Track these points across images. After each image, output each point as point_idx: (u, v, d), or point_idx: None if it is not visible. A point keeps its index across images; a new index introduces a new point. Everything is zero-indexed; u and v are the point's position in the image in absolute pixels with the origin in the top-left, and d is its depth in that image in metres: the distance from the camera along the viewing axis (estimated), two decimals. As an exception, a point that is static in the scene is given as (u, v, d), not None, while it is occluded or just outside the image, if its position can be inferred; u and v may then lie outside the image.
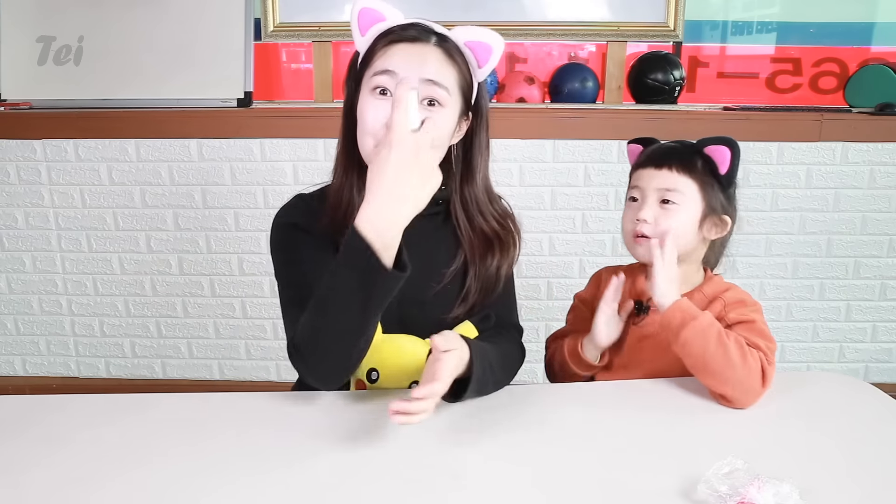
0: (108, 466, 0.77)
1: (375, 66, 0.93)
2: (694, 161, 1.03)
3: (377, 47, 0.94)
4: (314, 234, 0.98)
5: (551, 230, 2.12)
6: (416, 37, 0.94)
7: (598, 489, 0.74)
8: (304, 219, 1.00)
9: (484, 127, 1.03)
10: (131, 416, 0.90)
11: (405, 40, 0.93)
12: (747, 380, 0.93)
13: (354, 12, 0.95)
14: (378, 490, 0.73)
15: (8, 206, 2.14)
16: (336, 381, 0.92)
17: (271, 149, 2.07)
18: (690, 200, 1.02)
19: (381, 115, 0.91)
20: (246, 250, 2.16)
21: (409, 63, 0.91)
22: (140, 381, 2.29)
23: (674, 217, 1.02)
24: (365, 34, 0.96)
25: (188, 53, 2.08)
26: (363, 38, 0.96)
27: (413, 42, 0.93)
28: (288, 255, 1.00)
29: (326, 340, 0.86)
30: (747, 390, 0.93)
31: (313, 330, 0.86)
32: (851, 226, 2.13)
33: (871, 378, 2.24)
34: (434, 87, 0.92)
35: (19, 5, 2.09)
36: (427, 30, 0.95)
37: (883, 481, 0.76)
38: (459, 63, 0.96)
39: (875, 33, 2.51)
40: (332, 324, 0.85)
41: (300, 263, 0.98)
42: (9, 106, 2.13)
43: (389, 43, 0.93)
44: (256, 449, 0.81)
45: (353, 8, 0.95)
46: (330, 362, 0.89)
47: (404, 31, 0.94)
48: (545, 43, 2.46)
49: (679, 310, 0.96)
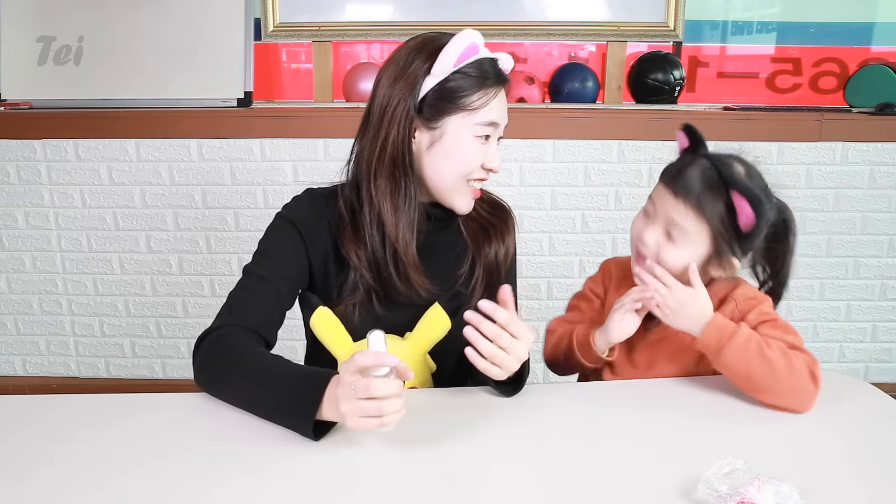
0: (108, 466, 0.77)
1: (481, 116, 0.96)
2: (715, 204, 0.93)
3: (472, 87, 0.95)
4: (309, 236, 1.00)
5: (551, 230, 2.12)
6: (501, 80, 0.99)
7: (598, 489, 0.74)
8: (307, 217, 1.01)
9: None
10: (131, 416, 0.90)
11: (498, 84, 0.98)
12: (798, 386, 0.90)
13: (460, 46, 0.94)
14: (377, 490, 0.73)
15: (8, 206, 2.14)
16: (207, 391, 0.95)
17: (271, 149, 2.07)
18: (696, 242, 0.95)
19: (481, 158, 0.99)
20: (246, 250, 2.15)
21: (504, 113, 1.00)
22: (140, 381, 2.29)
23: (673, 253, 0.96)
24: (458, 65, 0.95)
25: (188, 53, 2.08)
26: (452, 67, 0.95)
27: (503, 86, 0.99)
28: (271, 246, 1.01)
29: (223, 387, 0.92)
30: (801, 396, 0.91)
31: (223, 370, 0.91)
32: (851, 226, 2.13)
33: (871, 378, 2.24)
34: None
35: (19, 5, 2.09)
36: (494, 62, 0.99)
37: (883, 481, 0.76)
38: None
39: (875, 33, 2.51)
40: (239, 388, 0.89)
41: (275, 260, 1.00)
42: (9, 106, 2.13)
43: (488, 87, 0.96)
44: (256, 449, 0.81)
45: (460, 40, 0.94)
46: (213, 390, 0.93)
47: (490, 70, 0.97)
48: (545, 43, 2.46)
49: (715, 331, 0.93)
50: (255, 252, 1.02)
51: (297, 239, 1.00)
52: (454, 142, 0.97)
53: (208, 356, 0.93)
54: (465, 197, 1.01)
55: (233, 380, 0.90)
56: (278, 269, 0.99)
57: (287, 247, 1.00)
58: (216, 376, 0.92)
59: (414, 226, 0.99)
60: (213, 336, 0.93)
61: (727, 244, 0.95)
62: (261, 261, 1.00)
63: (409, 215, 0.98)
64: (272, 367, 0.87)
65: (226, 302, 0.98)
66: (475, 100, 0.95)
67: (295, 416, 0.82)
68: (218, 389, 0.92)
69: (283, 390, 0.84)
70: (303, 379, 0.84)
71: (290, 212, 1.02)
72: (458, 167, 0.98)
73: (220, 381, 0.92)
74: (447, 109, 0.96)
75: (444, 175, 0.99)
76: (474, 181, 1.01)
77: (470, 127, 0.96)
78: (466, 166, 0.98)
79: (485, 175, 1.01)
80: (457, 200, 1.01)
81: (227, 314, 0.96)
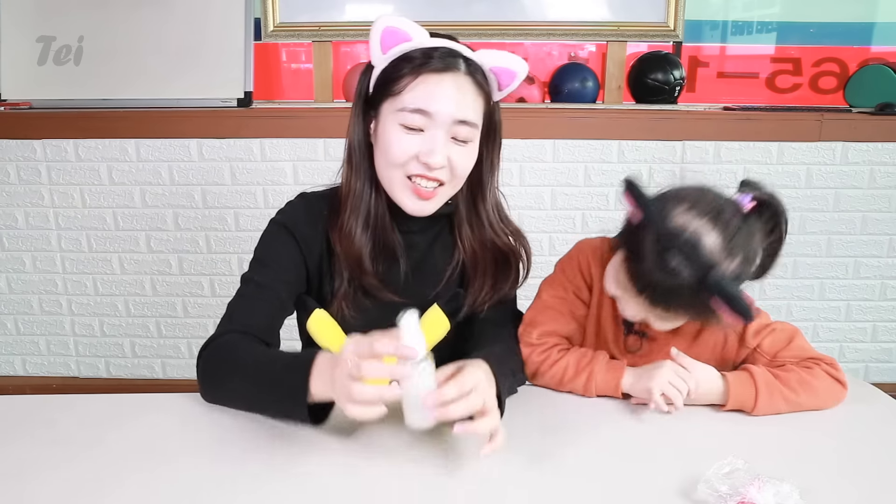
0: (108, 466, 0.77)
1: (406, 101, 0.90)
2: (695, 308, 0.86)
3: (404, 73, 0.90)
4: (305, 241, 0.99)
5: (551, 230, 2.12)
6: (446, 66, 0.90)
7: (598, 489, 0.74)
8: (301, 221, 1.00)
9: (497, 146, 1.02)
10: (131, 416, 0.90)
11: (435, 70, 0.90)
12: (831, 396, 0.93)
13: (377, 30, 0.91)
14: (377, 490, 0.73)
15: (8, 206, 2.14)
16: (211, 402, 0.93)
17: (271, 149, 2.07)
18: (678, 320, 0.93)
19: (410, 149, 0.91)
20: (246, 250, 2.15)
21: (444, 103, 0.89)
22: (140, 381, 2.29)
23: (659, 324, 0.93)
24: (386, 53, 0.92)
25: (188, 53, 2.08)
26: (383, 56, 0.92)
27: (443, 72, 0.90)
28: (267, 253, 1.00)
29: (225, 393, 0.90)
30: (835, 401, 0.94)
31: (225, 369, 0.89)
32: (851, 226, 2.13)
33: (871, 378, 2.24)
34: (465, 126, 0.92)
35: (19, 5, 2.09)
36: (455, 54, 0.92)
37: (882, 481, 0.76)
38: (485, 90, 0.95)
39: (875, 33, 2.51)
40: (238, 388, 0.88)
41: (272, 266, 0.98)
42: (9, 106, 2.13)
43: (418, 71, 0.90)
44: (256, 448, 0.81)
45: (376, 26, 0.91)
46: (217, 397, 0.92)
47: (432, 57, 0.90)
48: (545, 43, 2.46)
49: (737, 400, 0.91)
50: (251, 260, 1.00)
51: (293, 244, 0.99)
52: (383, 129, 0.93)
53: (207, 362, 0.92)
54: (406, 195, 0.95)
55: (231, 382, 0.89)
56: (277, 275, 0.98)
57: (284, 252, 0.99)
58: (217, 382, 0.91)
59: (371, 220, 0.97)
60: (213, 345, 0.92)
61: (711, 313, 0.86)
62: (258, 268, 0.99)
63: (360, 209, 0.97)
64: (261, 361, 0.87)
65: (225, 312, 0.97)
66: (401, 84, 0.90)
67: (287, 403, 0.81)
68: (221, 396, 0.91)
69: (272, 381, 0.83)
70: (287, 365, 0.83)
71: (284, 217, 1.01)
72: (385, 157, 0.93)
73: (220, 388, 0.91)
74: (381, 95, 0.93)
75: (380, 166, 0.96)
76: (416, 177, 0.93)
77: (394, 113, 0.91)
78: (390, 156, 0.92)
79: (423, 171, 0.92)
80: (400, 198, 0.95)
81: (227, 323, 0.95)
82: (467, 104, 0.92)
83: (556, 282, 1.06)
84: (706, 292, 0.81)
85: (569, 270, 1.05)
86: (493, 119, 0.99)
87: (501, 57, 0.94)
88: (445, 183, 0.94)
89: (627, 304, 0.93)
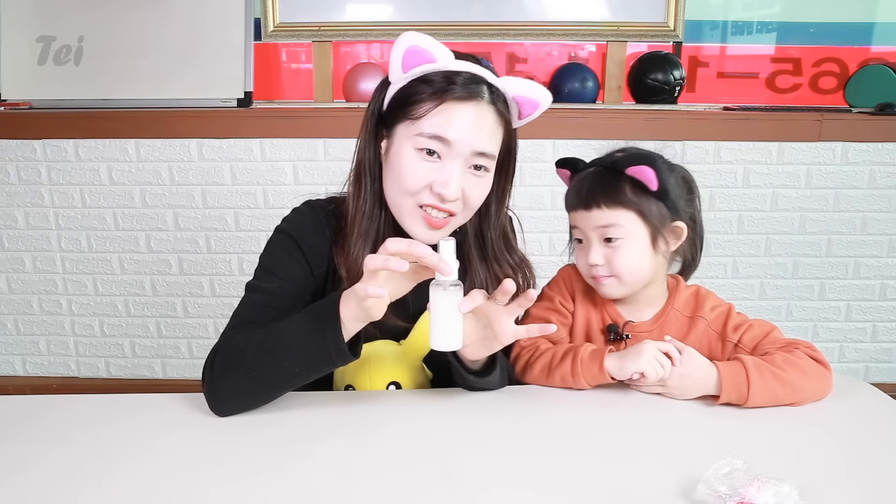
0: (108, 466, 0.77)
1: (424, 126, 0.87)
2: (621, 189, 0.97)
3: (424, 97, 0.87)
4: (311, 251, 0.97)
5: (551, 230, 2.12)
6: (469, 94, 0.87)
7: (598, 489, 0.74)
8: (308, 231, 0.98)
9: (510, 174, 1.00)
10: (131, 416, 0.90)
11: (458, 98, 0.87)
12: (816, 383, 0.94)
13: (400, 49, 0.87)
14: (377, 490, 0.73)
15: (8, 206, 2.14)
16: (226, 412, 0.89)
17: (271, 149, 2.07)
18: (633, 231, 0.97)
19: (425, 178, 0.88)
20: (246, 250, 2.16)
21: (464, 133, 0.87)
22: (140, 381, 2.29)
23: (623, 254, 0.97)
24: (407, 72, 0.89)
25: (188, 53, 2.09)
26: (404, 75, 0.89)
27: (466, 101, 0.87)
28: (273, 261, 0.98)
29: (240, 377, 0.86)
30: (821, 389, 0.95)
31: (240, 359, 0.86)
32: (851, 226, 2.13)
33: (871, 378, 2.24)
34: (483, 157, 0.90)
35: (19, 5, 2.09)
36: (479, 80, 0.89)
37: (883, 481, 0.76)
38: (506, 118, 0.93)
39: (875, 33, 2.51)
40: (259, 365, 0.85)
41: (279, 274, 0.96)
42: (9, 106, 2.13)
43: (440, 98, 0.87)
44: (256, 448, 0.81)
45: (400, 43, 0.87)
46: (233, 394, 0.88)
47: (455, 83, 0.87)
48: (545, 43, 2.46)
49: (732, 388, 0.91)
50: (256, 268, 0.99)
51: (299, 254, 0.97)
52: (396, 152, 0.90)
53: (216, 367, 0.89)
54: (417, 223, 0.92)
55: (249, 360, 0.85)
56: (283, 284, 0.96)
57: (290, 261, 0.97)
58: (233, 369, 0.87)
59: (371, 237, 0.95)
60: (220, 351, 0.90)
61: (657, 212, 0.97)
62: (263, 276, 0.97)
63: (369, 233, 0.95)
64: (276, 325, 0.87)
65: (230, 321, 0.95)
66: (421, 108, 0.87)
67: (316, 336, 0.81)
68: (237, 388, 0.87)
69: (297, 327, 0.84)
70: (308, 310, 0.84)
71: (290, 226, 0.99)
72: (397, 182, 0.90)
73: (237, 371, 0.87)
74: (397, 117, 0.90)
75: (390, 190, 0.93)
76: (428, 207, 0.90)
77: (411, 137, 0.88)
78: (403, 182, 0.89)
79: (436, 201, 0.89)
80: (410, 225, 0.92)
81: (232, 331, 0.93)
82: (487, 135, 0.90)
83: (542, 298, 1.11)
84: (617, 170, 0.97)
85: (553, 287, 1.12)
86: (510, 148, 0.97)
87: (525, 86, 0.92)
88: (457, 214, 0.92)
89: (589, 244, 0.99)
